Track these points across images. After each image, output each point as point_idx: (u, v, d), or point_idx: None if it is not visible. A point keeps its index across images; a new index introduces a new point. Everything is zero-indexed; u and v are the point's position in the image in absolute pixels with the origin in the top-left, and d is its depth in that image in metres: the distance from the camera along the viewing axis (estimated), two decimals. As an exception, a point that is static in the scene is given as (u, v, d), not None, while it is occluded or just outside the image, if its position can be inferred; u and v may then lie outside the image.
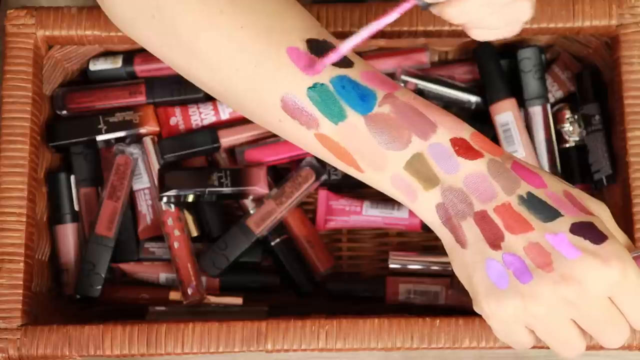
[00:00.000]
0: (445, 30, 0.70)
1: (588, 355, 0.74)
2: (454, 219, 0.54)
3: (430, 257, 0.76)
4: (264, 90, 0.56)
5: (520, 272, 0.52)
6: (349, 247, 0.79)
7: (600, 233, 0.52)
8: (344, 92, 0.55)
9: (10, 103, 0.69)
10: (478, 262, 0.53)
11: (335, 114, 0.55)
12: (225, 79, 0.57)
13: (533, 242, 0.52)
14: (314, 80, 0.55)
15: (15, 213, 0.68)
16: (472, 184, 0.54)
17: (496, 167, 0.54)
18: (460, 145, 0.54)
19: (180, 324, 0.66)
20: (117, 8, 0.59)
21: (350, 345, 0.65)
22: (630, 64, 0.68)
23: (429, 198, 0.55)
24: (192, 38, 0.56)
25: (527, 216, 0.53)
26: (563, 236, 0.52)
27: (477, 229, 0.53)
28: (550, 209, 0.53)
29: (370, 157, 0.55)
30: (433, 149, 0.54)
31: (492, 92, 0.74)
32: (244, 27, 0.55)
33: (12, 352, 0.66)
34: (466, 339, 0.65)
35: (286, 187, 0.74)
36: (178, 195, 0.73)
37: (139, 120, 0.75)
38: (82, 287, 0.72)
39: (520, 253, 0.52)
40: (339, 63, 0.55)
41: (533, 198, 0.53)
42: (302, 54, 0.55)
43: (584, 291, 0.51)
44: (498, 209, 0.53)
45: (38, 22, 0.70)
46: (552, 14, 0.69)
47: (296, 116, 0.56)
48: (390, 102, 0.55)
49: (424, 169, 0.54)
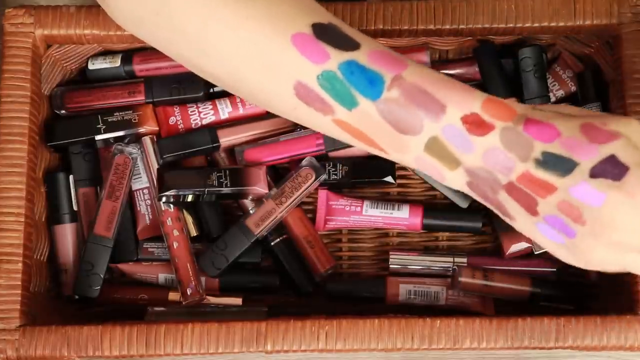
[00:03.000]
0: (445, 29, 0.70)
1: (588, 355, 0.74)
2: (490, 194, 0.56)
3: (431, 258, 0.76)
4: (275, 79, 0.56)
5: (565, 229, 0.54)
6: (349, 247, 0.79)
7: (621, 165, 0.52)
8: (353, 77, 0.55)
9: (8, 102, 0.69)
10: (532, 229, 0.55)
11: (347, 101, 0.56)
12: (235, 71, 0.57)
13: (561, 200, 0.53)
14: (322, 68, 0.55)
15: (13, 213, 0.68)
16: (490, 159, 0.55)
17: (508, 135, 0.54)
18: (472, 122, 0.55)
19: (180, 325, 0.65)
20: (122, 8, 0.59)
21: (350, 345, 0.65)
22: (631, 63, 0.68)
23: (457, 177, 0.56)
24: (198, 32, 0.56)
25: (547, 177, 0.53)
26: (584, 184, 0.52)
27: (512, 201, 0.55)
28: (565, 161, 0.53)
29: (389, 141, 0.56)
30: (446, 131, 0.55)
31: (493, 91, 0.74)
32: (248, 18, 0.55)
33: (11, 353, 0.65)
34: (467, 340, 0.65)
35: (286, 187, 0.74)
36: (177, 195, 0.72)
37: (138, 120, 0.75)
38: (80, 288, 0.72)
39: (556, 213, 0.53)
40: (345, 46, 0.56)
41: (547, 156, 0.53)
42: (309, 40, 0.55)
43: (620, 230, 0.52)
44: (520, 179, 0.54)
45: (36, 21, 0.70)
46: (553, 13, 0.69)
47: (310, 103, 0.56)
48: (398, 85, 0.55)
49: (443, 151, 0.55)
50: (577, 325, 0.65)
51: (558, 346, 0.65)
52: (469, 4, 0.70)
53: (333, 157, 0.76)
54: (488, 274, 0.73)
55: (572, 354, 0.74)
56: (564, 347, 0.65)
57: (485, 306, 0.74)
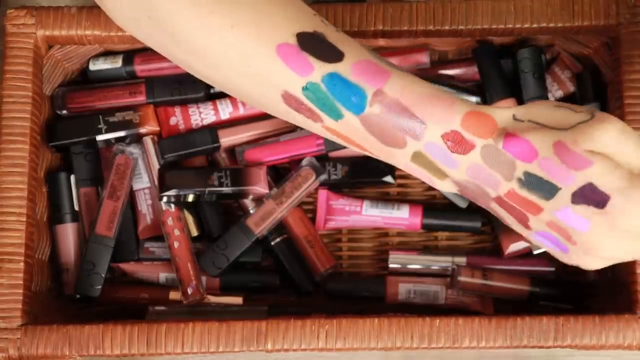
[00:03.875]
0: (445, 30, 0.70)
1: (587, 354, 0.74)
2: (482, 202, 0.56)
3: (430, 257, 0.76)
4: (263, 87, 0.57)
5: (558, 245, 0.54)
6: (349, 247, 0.79)
7: (601, 194, 0.51)
8: (336, 90, 0.55)
9: (10, 103, 0.69)
10: (528, 236, 0.56)
11: (332, 113, 0.56)
12: (226, 76, 0.58)
13: (548, 220, 0.53)
14: (307, 80, 0.55)
15: (15, 213, 0.68)
16: (475, 176, 0.55)
17: (489, 154, 0.54)
18: (452, 140, 0.54)
19: (180, 324, 0.66)
20: (118, 9, 0.59)
21: (350, 345, 0.65)
22: (630, 64, 0.68)
23: (448, 185, 0.57)
24: (187, 38, 0.56)
25: (532, 198, 0.53)
26: (568, 210, 0.52)
27: (504, 212, 0.55)
28: (547, 184, 0.52)
29: (377, 150, 0.57)
30: (429, 148, 0.55)
31: (492, 91, 0.74)
32: (233, 26, 0.55)
33: (12, 352, 0.66)
34: (466, 339, 0.65)
35: (286, 187, 0.74)
36: (178, 195, 0.73)
37: (139, 120, 0.75)
38: (82, 287, 0.72)
39: (547, 230, 0.54)
40: (329, 57, 0.56)
41: (530, 177, 0.53)
42: (293, 51, 0.55)
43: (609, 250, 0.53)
44: (508, 195, 0.54)
45: (38, 22, 0.70)
46: (552, 14, 0.69)
47: (300, 111, 0.57)
48: (379, 100, 0.55)
49: (429, 164, 0.56)
50: (576, 324, 0.65)
51: (557, 345, 0.65)
52: (468, 4, 0.70)
53: (333, 157, 0.77)
54: (487, 273, 0.73)
55: (571, 353, 0.74)
56: (563, 346, 0.65)
57: (484, 305, 0.74)
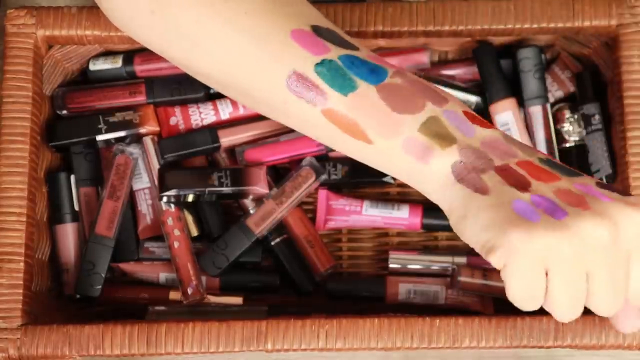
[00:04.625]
0: (445, 30, 0.70)
1: (588, 354, 0.74)
2: (473, 173, 0.52)
3: (430, 257, 0.76)
4: (268, 71, 0.56)
5: (553, 210, 0.50)
6: (349, 247, 0.79)
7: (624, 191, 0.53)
8: (353, 67, 0.55)
9: (10, 103, 0.69)
10: (504, 203, 0.50)
11: (345, 86, 0.55)
12: (228, 67, 0.57)
13: (562, 188, 0.51)
14: (322, 57, 0.55)
15: (15, 213, 0.68)
16: (490, 145, 0.53)
17: (510, 137, 0.55)
18: (473, 117, 0.55)
19: (180, 324, 0.66)
20: (115, 7, 0.59)
21: (350, 345, 0.65)
22: (630, 64, 0.68)
23: (445, 157, 0.53)
24: (194, 29, 0.56)
25: (552, 171, 0.53)
26: (591, 187, 0.52)
27: (499, 177, 0.52)
28: (571, 170, 0.53)
29: (381, 124, 0.55)
30: (448, 114, 0.54)
31: (492, 91, 0.74)
32: (247, 13, 0.56)
33: (12, 352, 0.66)
34: (466, 339, 0.65)
35: (286, 187, 0.74)
36: (178, 195, 0.73)
37: (139, 120, 0.75)
38: (82, 287, 0.72)
39: (550, 195, 0.51)
40: (345, 45, 0.56)
41: (553, 162, 0.54)
42: (308, 35, 0.55)
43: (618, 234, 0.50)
44: (521, 163, 0.53)
45: (38, 22, 0.70)
46: (552, 14, 0.69)
47: (302, 94, 0.56)
48: (401, 75, 0.56)
49: (440, 129, 0.54)
50: (576, 324, 0.65)
51: (557, 345, 0.65)
52: (468, 4, 0.70)
53: (333, 157, 0.77)
54: (487, 273, 0.73)
55: (571, 353, 0.74)
56: (563, 346, 0.65)
57: (484, 305, 0.74)
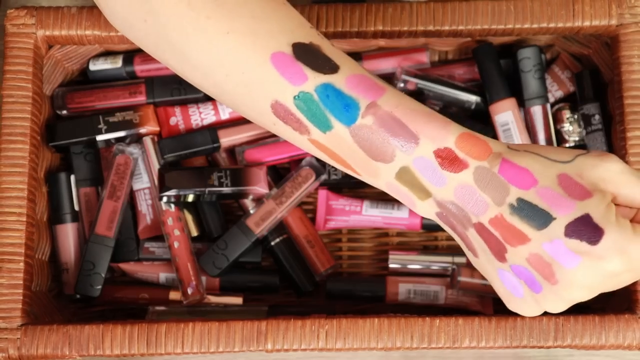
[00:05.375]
0: (445, 30, 0.70)
1: (588, 354, 0.74)
2: (459, 227, 0.54)
3: (430, 257, 0.76)
4: (254, 95, 0.56)
5: (531, 283, 0.52)
6: (349, 247, 0.79)
7: (596, 227, 0.50)
8: (328, 101, 0.54)
9: (10, 103, 0.69)
10: (492, 272, 0.54)
11: (322, 124, 0.55)
12: (217, 83, 0.57)
13: (533, 253, 0.52)
14: (299, 89, 0.55)
15: (15, 213, 0.68)
16: (462, 197, 0.53)
17: (482, 175, 0.53)
18: (444, 157, 0.53)
19: (180, 324, 0.66)
20: (114, 11, 0.59)
21: (350, 345, 0.65)
22: (630, 64, 0.68)
23: (427, 207, 0.55)
24: (182, 43, 0.56)
25: (521, 226, 0.52)
26: (559, 243, 0.51)
27: (480, 240, 0.53)
28: (541, 213, 0.51)
29: (362, 165, 0.55)
30: (418, 163, 0.53)
31: (492, 91, 0.74)
32: (229, 33, 0.55)
33: (12, 352, 0.66)
34: (466, 339, 0.65)
35: (286, 187, 0.74)
36: (178, 195, 0.73)
37: (139, 120, 0.75)
38: (82, 287, 0.72)
39: (524, 264, 0.52)
40: (323, 68, 0.55)
41: (523, 204, 0.52)
42: (287, 60, 0.55)
43: (591, 291, 0.52)
44: (492, 222, 0.52)
45: (38, 22, 0.70)
46: (552, 14, 0.69)
47: (288, 122, 0.56)
48: (372, 112, 0.54)
49: (414, 181, 0.54)
50: (576, 324, 0.65)
51: (557, 345, 0.65)
52: (468, 4, 0.70)
53: (333, 157, 0.77)
54: (487, 273, 0.73)
55: (571, 353, 0.74)
56: (563, 346, 0.65)
57: (484, 305, 0.74)
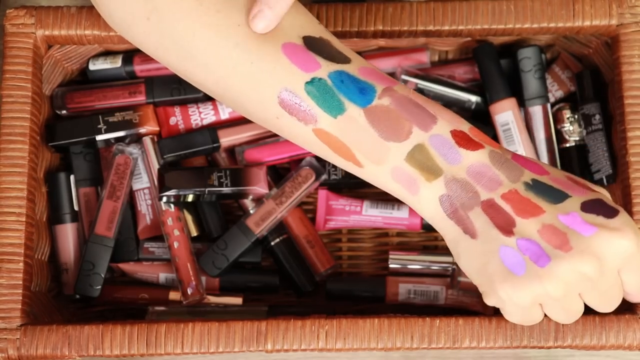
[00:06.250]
0: (445, 30, 0.70)
1: (588, 355, 0.74)
2: (460, 210, 0.54)
3: (430, 257, 0.76)
4: (260, 86, 0.56)
5: (537, 256, 0.51)
6: (349, 247, 0.79)
7: (611, 207, 0.52)
8: (342, 86, 0.55)
9: (9, 103, 0.69)
10: (491, 251, 0.53)
11: (334, 107, 0.55)
12: (221, 78, 0.57)
13: (547, 224, 0.52)
14: (312, 75, 0.55)
15: (14, 213, 0.68)
16: (475, 173, 0.54)
17: (497, 157, 0.54)
18: (461, 137, 0.54)
19: (180, 324, 0.66)
20: (112, 11, 0.59)
21: (350, 345, 0.65)
22: (630, 64, 0.68)
23: (432, 189, 0.54)
24: (188, 39, 0.56)
25: (537, 200, 0.52)
26: (575, 215, 0.52)
27: (486, 217, 0.53)
28: (557, 191, 0.53)
29: (370, 150, 0.55)
30: (434, 140, 0.54)
31: (492, 91, 0.74)
32: (240, 25, 0.55)
33: (12, 352, 0.66)
34: (466, 339, 0.65)
35: (286, 187, 0.74)
36: (178, 195, 0.73)
37: (139, 120, 0.75)
38: (81, 287, 0.72)
39: (534, 237, 0.52)
40: (336, 59, 0.55)
41: (539, 184, 0.53)
42: (299, 49, 0.55)
43: (602, 265, 0.51)
44: (505, 196, 0.53)
45: (37, 22, 0.70)
46: (552, 14, 0.69)
47: (294, 112, 0.56)
48: (389, 94, 0.55)
49: (426, 159, 0.54)
50: (576, 324, 0.65)
51: (557, 345, 0.65)
52: (468, 4, 0.70)
53: (333, 157, 0.77)
54: (487, 273, 0.73)
55: (571, 353, 0.74)
56: (563, 347, 0.65)
57: (484, 305, 0.74)
